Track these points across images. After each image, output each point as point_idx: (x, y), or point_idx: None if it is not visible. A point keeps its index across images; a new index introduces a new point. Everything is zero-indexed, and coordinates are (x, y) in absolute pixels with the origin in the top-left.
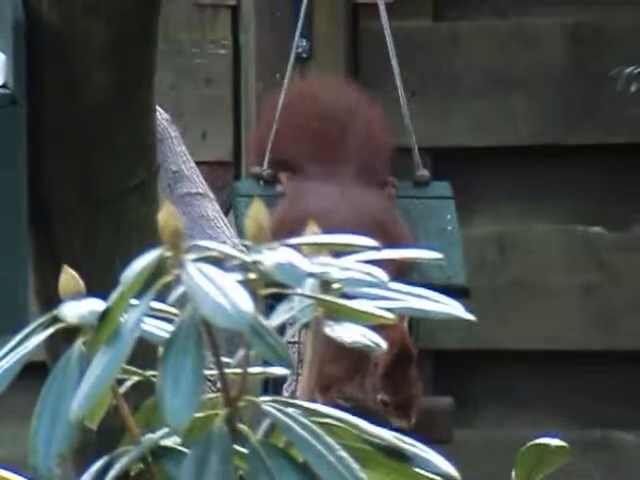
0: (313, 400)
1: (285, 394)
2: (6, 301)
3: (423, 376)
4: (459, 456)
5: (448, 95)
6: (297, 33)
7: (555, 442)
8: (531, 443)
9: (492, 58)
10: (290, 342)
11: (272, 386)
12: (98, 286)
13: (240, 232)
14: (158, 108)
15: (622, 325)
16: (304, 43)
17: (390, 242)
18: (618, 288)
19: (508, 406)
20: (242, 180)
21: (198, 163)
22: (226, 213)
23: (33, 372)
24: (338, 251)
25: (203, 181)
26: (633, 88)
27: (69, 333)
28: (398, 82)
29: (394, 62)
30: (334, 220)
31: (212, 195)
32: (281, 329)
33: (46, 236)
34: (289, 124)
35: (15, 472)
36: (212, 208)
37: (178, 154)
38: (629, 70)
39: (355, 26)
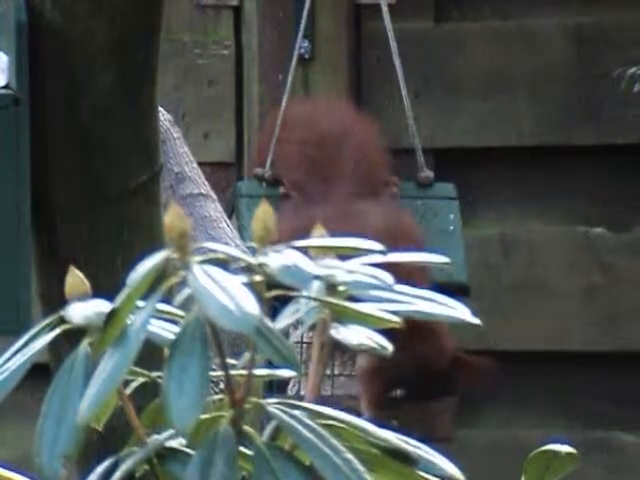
0: (319, 401)
1: (289, 394)
2: (9, 302)
3: None
4: (461, 457)
5: (450, 96)
6: (299, 34)
7: (564, 448)
8: (540, 449)
9: (494, 59)
10: (295, 342)
11: (276, 386)
12: (100, 286)
13: (242, 233)
14: (160, 109)
15: (624, 326)
16: (306, 44)
17: (407, 246)
18: (620, 289)
19: (510, 407)
20: (244, 181)
21: (200, 164)
22: (230, 214)
23: (35, 373)
24: (345, 255)
25: (206, 182)
26: (637, 88)
27: (72, 334)
28: (401, 83)
29: (397, 63)
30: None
31: (214, 196)
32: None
33: (48, 236)
34: (287, 149)
35: (18, 472)
36: (214, 209)
37: (181, 155)
38: (632, 70)
39: (358, 27)
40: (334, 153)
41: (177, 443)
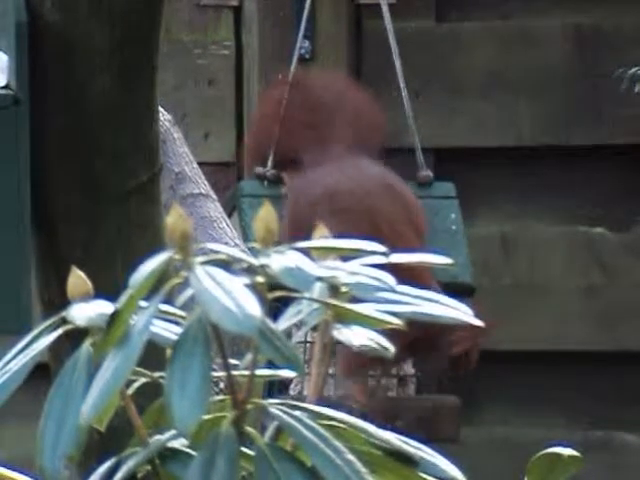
0: (321, 401)
1: (291, 394)
2: (9, 301)
3: (427, 376)
4: (461, 456)
5: (450, 96)
6: (299, 34)
7: (567, 451)
8: (542, 452)
9: (494, 59)
10: (297, 342)
11: (278, 387)
12: (100, 286)
13: (245, 232)
14: (160, 109)
15: (624, 326)
16: (307, 44)
17: (403, 204)
18: (620, 289)
19: (510, 406)
20: (246, 180)
21: (200, 164)
22: (230, 214)
23: (35, 373)
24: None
25: (206, 182)
26: (637, 89)
27: (73, 334)
28: (401, 83)
29: (397, 63)
30: (353, 195)
31: (214, 196)
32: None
33: (48, 236)
34: (283, 118)
35: (19, 472)
36: (214, 209)
37: (181, 155)
38: (633, 71)
39: (358, 27)
40: (330, 116)
41: (179, 444)
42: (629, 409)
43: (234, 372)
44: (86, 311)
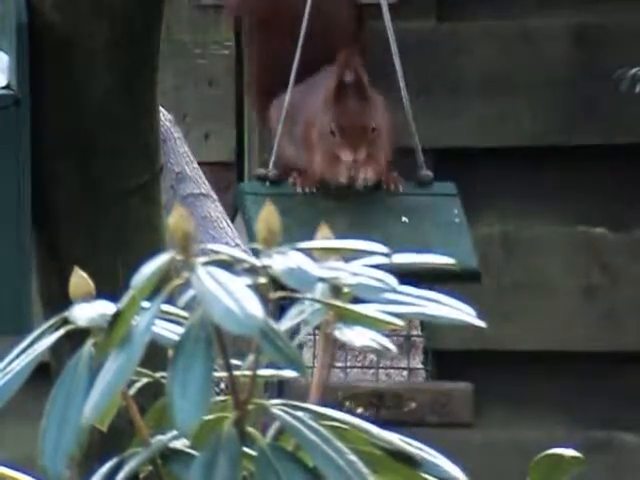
0: (323, 402)
1: None
2: (9, 302)
3: (427, 376)
4: (461, 457)
5: (451, 95)
6: (301, 33)
7: (569, 452)
8: (545, 453)
9: (495, 59)
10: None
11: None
12: (100, 286)
13: (249, 227)
14: (161, 109)
15: (624, 326)
16: None
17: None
18: (620, 289)
19: (511, 407)
20: (247, 182)
21: (201, 164)
22: (232, 218)
23: (35, 373)
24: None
25: (206, 182)
26: (638, 89)
27: (73, 334)
28: (401, 83)
29: (397, 63)
30: None
31: (215, 196)
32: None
33: (49, 236)
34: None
35: (20, 472)
36: (215, 209)
37: (181, 155)
38: (634, 71)
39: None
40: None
41: (181, 444)
42: (629, 409)
43: (236, 372)
44: (88, 311)
